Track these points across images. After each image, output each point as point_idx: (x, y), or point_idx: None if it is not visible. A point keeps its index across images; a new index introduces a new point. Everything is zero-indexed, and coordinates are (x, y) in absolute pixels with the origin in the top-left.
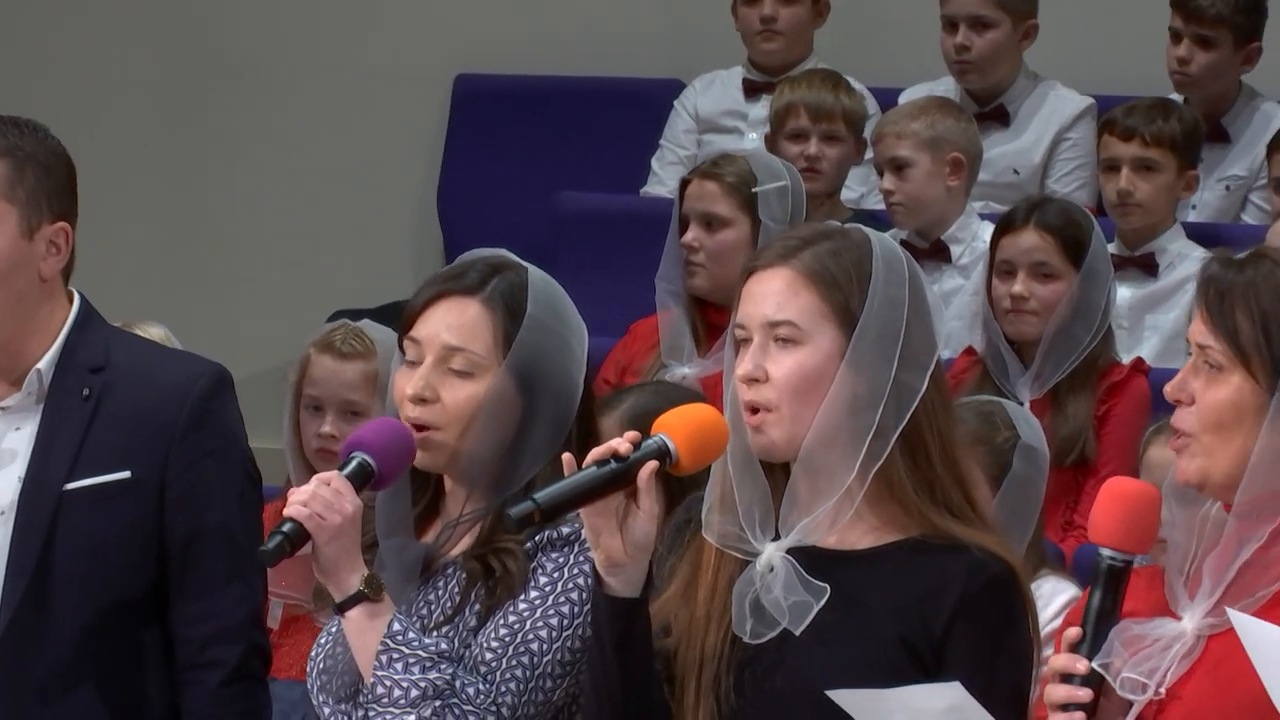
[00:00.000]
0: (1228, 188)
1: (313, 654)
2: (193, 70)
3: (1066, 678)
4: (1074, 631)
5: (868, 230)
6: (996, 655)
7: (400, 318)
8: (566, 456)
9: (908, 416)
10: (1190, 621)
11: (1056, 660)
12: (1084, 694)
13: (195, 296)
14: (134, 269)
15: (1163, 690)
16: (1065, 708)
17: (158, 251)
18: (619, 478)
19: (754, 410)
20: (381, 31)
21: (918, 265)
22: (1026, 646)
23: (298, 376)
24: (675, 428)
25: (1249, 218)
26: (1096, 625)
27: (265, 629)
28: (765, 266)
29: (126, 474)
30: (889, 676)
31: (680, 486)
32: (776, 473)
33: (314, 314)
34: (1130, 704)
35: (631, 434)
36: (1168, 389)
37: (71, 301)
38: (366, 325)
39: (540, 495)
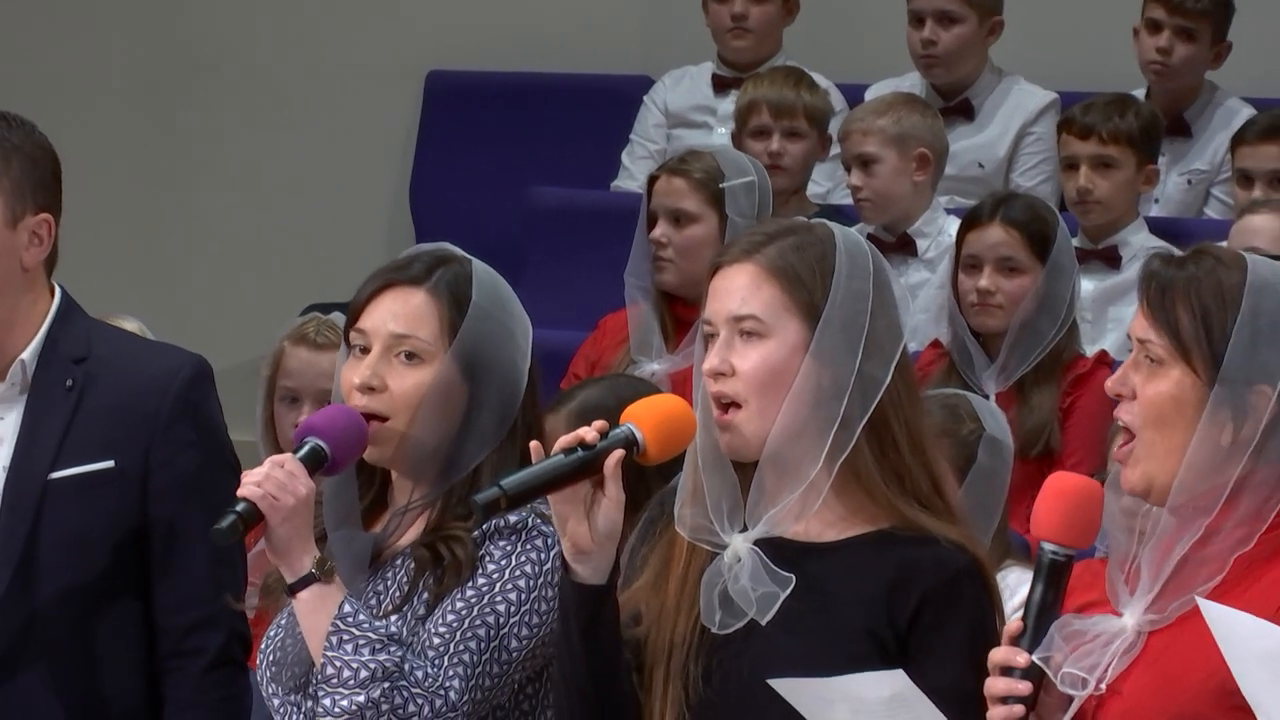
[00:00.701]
0: (1189, 181)
1: (262, 646)
2: (169, 69)
3: (1007, 670)
4: (1015, 625)
5: (831, 224)
6: (962, 647)
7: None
8: (534, 444)
9: (873, 407)
10: (1131, 618)
11: (997, 653)
12: (1024, 687)
13: (169, 291)
14: (109, 264)
15: (1104, 686)
16: (1004, 700)
17: (133, 246)
18: (585, 466)
19: (723, 407)
20: (354, 29)
21: (883, 258)
22: (992, 638)
23: (271, 370)
24: (643, 417)
25: (1212, 211)
26: (1037, 619)
27: (245, 616)
28: (730, 263)
29: (110, 464)
30: (854, 667)
31: (647, 476)
32: (746, 465)
33: (288, 308)
34: (1069, 698)
35: (599, 423)
36: (1109, 383)
37: (53, 294)
38: (338, 317)
39: (507, 482)
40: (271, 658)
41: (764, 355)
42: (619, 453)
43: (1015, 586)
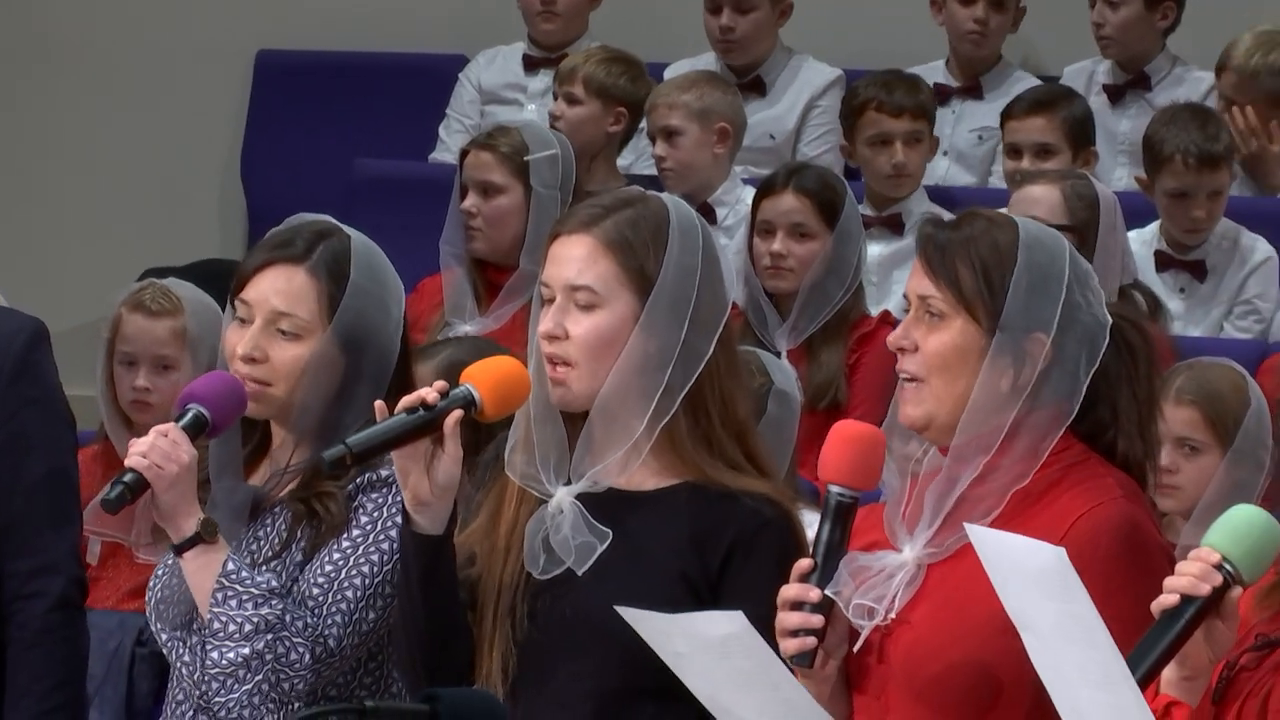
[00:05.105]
0: (980, 137)
1: (151, 584)
2: (12, 47)
3: (798, 605)
4: (805, 563)
5: (666, 198)
6: (769, 590)
7: (209, 274)
8: (378, 403)
9: (694, 377)
10: (911, 552)
11: (788, 590)
12: (817, 620)
13: (15, 256)
14: None
15: (892, 615)
16: (795, 634)
17: None
18: (427, 424)
19: (554, 364)
20: (188, 11)
21: (711, 232)
22: None
23: (110, 333)
24: (480, 378)
25: (1000, 167)
26: (826, 557)
27: (83, 562)
28: (570, 232)
29: None
30: (670, 608)
31: (486, 430)
32: (574, 420)
33: (126, 273)
34: (855, 632)
35: (440, 384)
36: (890, 338)
37: None
38: (172, 283)
39: (352, 440)
40: (160, 595)
41: (596, 324)
42: (458, 413)
43: (805, 526)
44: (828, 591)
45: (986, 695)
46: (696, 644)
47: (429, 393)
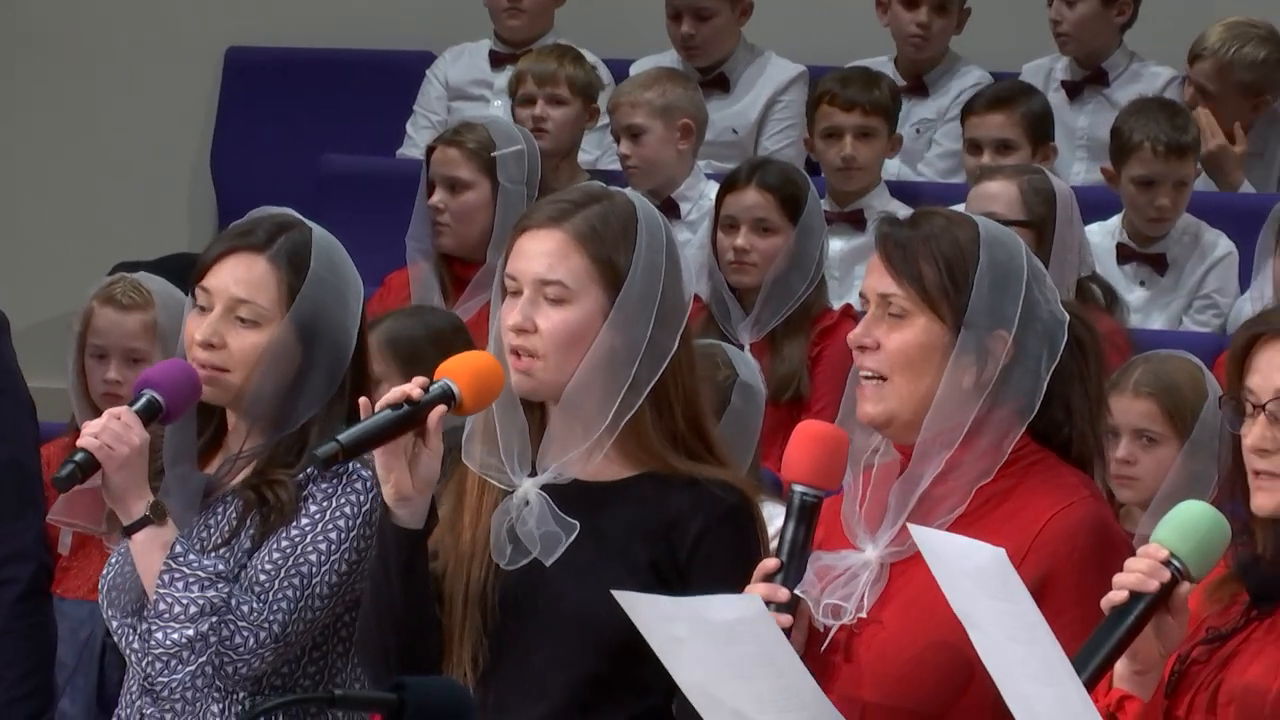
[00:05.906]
0: (918, 131)
1: (104, 572)
2: None
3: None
4: (772, 562)
5: (632, 195)
6: (736, 575)
7: (179, 268)
8: (363, 400)
9: (660, 373)
10: (874, 550)
11: (757, 590)
12: (785, 619)
13: None
14: None
15: (862, 614)
16: None
17: None
18: (410, 419)
19: (519, 355)
20: (158, 7)
21: (671, 228)
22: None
23: (81, 326)
24: (458, 373)
25: (933, 155)
26: (792, 556)
27: (51, 549)
28: (538, 227)
29: None
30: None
31: None
32: (535, 410)
33: (98, 267)
34: (819, 632)
35: (421, 379)
36: (851, 336)
37: None
38: (143, 277)
39: (343, 437)
40: (113, 581)
41: (566, 318)
42: (441, 408)
43: (768, 520)
44: (796, 591)
45: (956, 689)
46: (701, 628)
47: (412, 388)
